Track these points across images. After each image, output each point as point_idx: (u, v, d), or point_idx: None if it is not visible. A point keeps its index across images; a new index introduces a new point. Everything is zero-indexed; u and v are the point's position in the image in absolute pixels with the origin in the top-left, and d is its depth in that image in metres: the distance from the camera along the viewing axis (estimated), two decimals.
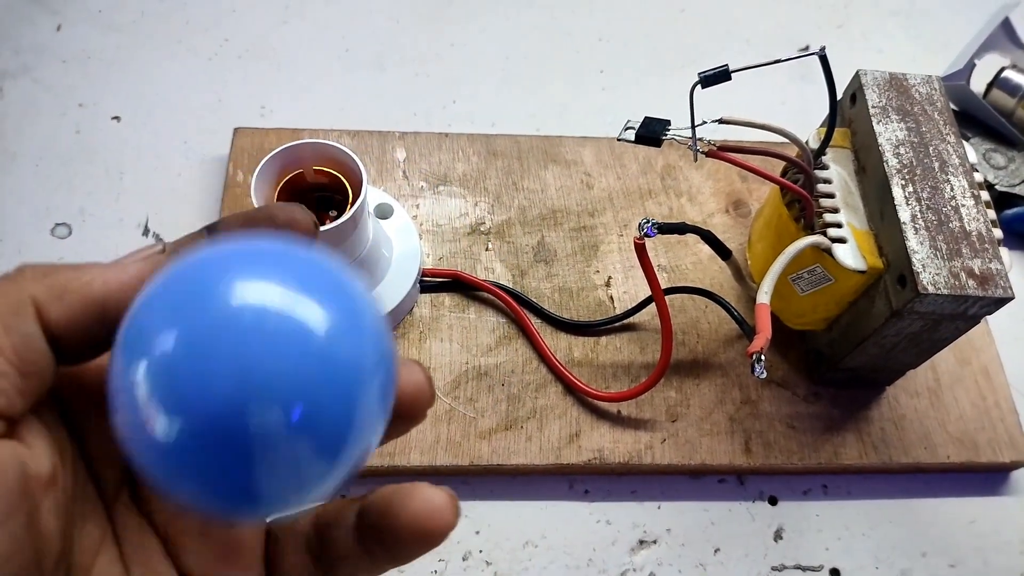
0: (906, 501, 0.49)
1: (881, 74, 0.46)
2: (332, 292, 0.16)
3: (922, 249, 0.40)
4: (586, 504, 0.47)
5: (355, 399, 0.16)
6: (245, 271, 0.15)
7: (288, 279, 0.15)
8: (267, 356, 0.15)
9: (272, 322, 0.15)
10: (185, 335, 0.15)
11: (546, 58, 0.65)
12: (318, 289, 0.16)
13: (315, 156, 0.43)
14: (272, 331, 0.15)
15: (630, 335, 0.50)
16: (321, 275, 0.16)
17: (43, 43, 0.61)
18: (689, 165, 0.57)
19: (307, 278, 0.16)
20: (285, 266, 0.16)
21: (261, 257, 0.16)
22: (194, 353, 0.15)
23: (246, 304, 0.15)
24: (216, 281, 0.15)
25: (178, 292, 0.16)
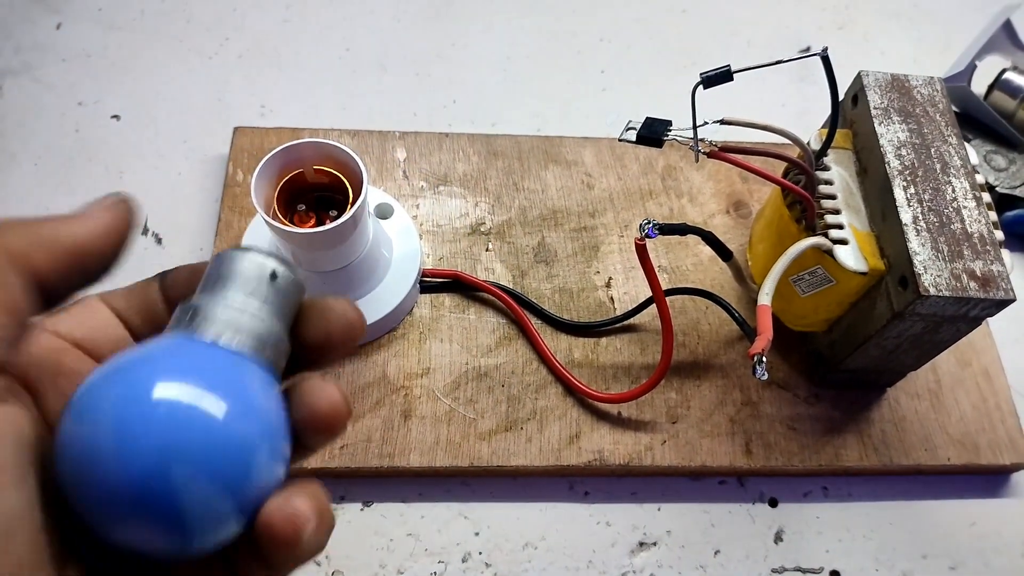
0: (907, 503, 0.49)
1: (883, 75, 0.46)
2: (229, 387, 0.21)
3: (924, 251, 0.40)
4: (586, 506, 0.47)
5: (247, 458, 0.20)
6: (168, 372, 0.20)
7: (197, 378, 0.20)
8: (179, 435, 0.19)
9: (183, 411, 0.20)
10: (120, 420, 0.19)
11: (547, 58, 0.65)
12: (217, 385, 0.20)
13: (315, 155, 0.43)
14: (183, 417, 0.20)
15: (630, 336, 0.50)
16: (221, 373, 0.21)
17: (43, 42, 0.61)
18: (690, 166, 0.57)
19: (210, 376, 0.21)
20: (196, 369, 0.21)
21: (181, 361, 0.21)
22: (125, 434, 0.19)
23: (164, 398, 0.20)
24: (146, 378, 0.20)
25: (119, 384, 0.20)
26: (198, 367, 0.21)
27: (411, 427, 0.46)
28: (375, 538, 0.45)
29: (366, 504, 0.45)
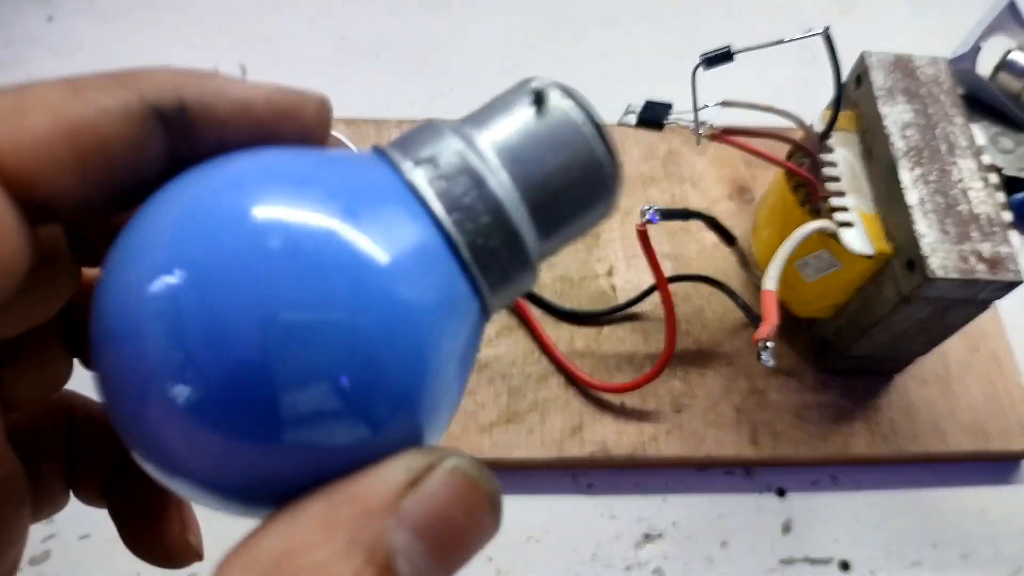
0: (916, 491, 0.48)
1: (887, 56, 0.45)
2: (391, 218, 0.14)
3: (930, 233, 0.39)
4: (589, 498, 0.46)
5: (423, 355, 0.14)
6: (283, 189, 0.14)
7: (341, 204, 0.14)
8: (305, 293, 0.13)
9: (314, 251, 0.13)
10: (206, 265, 0.13)
11: (545, 44, 0.64)
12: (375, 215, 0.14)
13: None
14: (315, 263, 0.13)
15: (633, 325, 0.49)
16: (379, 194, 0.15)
17: (35, 35, 0.60)
18: (692, 151, 0.56)
19: (363, 199, 0.15)
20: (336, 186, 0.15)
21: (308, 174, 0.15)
22: (212, 288, 0.13)
23: (288, 226, 0.13)
24: (244, 198, 0.14)
25: (198, 211, 0.14)
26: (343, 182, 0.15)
27: None
28: None
29: None
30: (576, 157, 0.17)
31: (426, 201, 0.15)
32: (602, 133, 0.17)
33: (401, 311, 0.14)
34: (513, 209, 0.16)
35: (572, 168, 0.17)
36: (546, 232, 0.17)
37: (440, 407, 0.15)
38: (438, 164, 0.16)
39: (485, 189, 0.16)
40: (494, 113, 0.17)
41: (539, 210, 0.16)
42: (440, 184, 0.15)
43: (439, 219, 0.15)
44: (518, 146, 0.16)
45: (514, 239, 0.16)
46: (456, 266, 0.15)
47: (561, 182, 0.17)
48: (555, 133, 0.17)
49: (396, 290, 0.14)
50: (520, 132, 0.17)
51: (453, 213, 0.15)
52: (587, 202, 0.17)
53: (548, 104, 0.17)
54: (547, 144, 0.17)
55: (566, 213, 0.17)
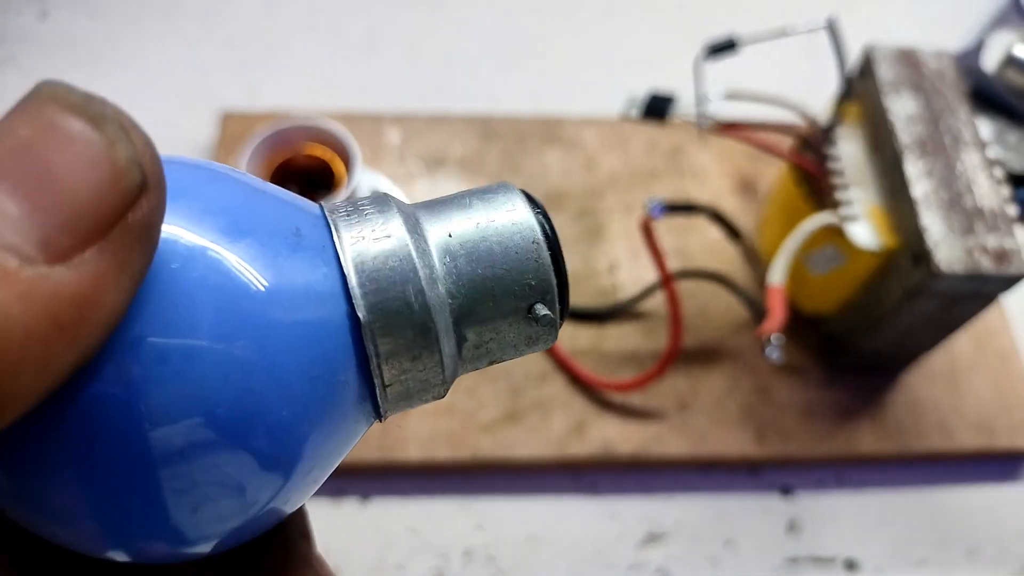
0: (922, 489, 0.47)
1: (892, 49, 0.44)
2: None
3: (936, 226, 0.38)
4: (592, 498, 0.45)
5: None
6: None
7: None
8: (167, 317, 0.12)
9: (181, 271, 0.12)
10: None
11: (546, 35, 0.63)
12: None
13: (306, 137, 0.41)
14: (181, 285, 0.12)
15: (636, 322, 0.48)
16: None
17: (28, 30, 0.59)
18: (696, 146, 0.55)
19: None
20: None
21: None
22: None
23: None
24: None
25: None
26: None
27: (410, 419, 0.44)
28: (374, 534, 0.43)
29: (364, 499, 0.44)
30: (526, 286, 0.15)
31: (340, 252, 0.13)
32: (558, 259, 0.15)
33: (274, 351, 0.12)
34: (438, 310, 0.14)
35: (513, 291, 0.15)
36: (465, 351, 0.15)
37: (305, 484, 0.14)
38: (366, 224, 0.14)
39: (412, 278, 0.14)
40: (450, 206, 0.15)
41: (465, 319, 0.14)
42: (362, 250, 0.14)
43: (346, 271, 0.13)
44: (463, 245, 0.15)
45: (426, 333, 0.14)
46: (349, 336, 0.13)
47: (496, 310, 0.15)
48: (509, 242, 0.15)
49: (272, 317, 0.12)
50: (471, 229, 0.15)
51: (368, 283, 0.13)
52: (519, 341, 0.15)
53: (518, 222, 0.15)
54: (498, 250, 0.15)
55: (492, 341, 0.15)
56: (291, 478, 0.13)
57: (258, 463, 0.12)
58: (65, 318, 0.09)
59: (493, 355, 0.15)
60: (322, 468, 0.14)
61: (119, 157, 0.10)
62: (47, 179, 0.10)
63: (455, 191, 0.16)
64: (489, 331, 0.15)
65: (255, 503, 0.13)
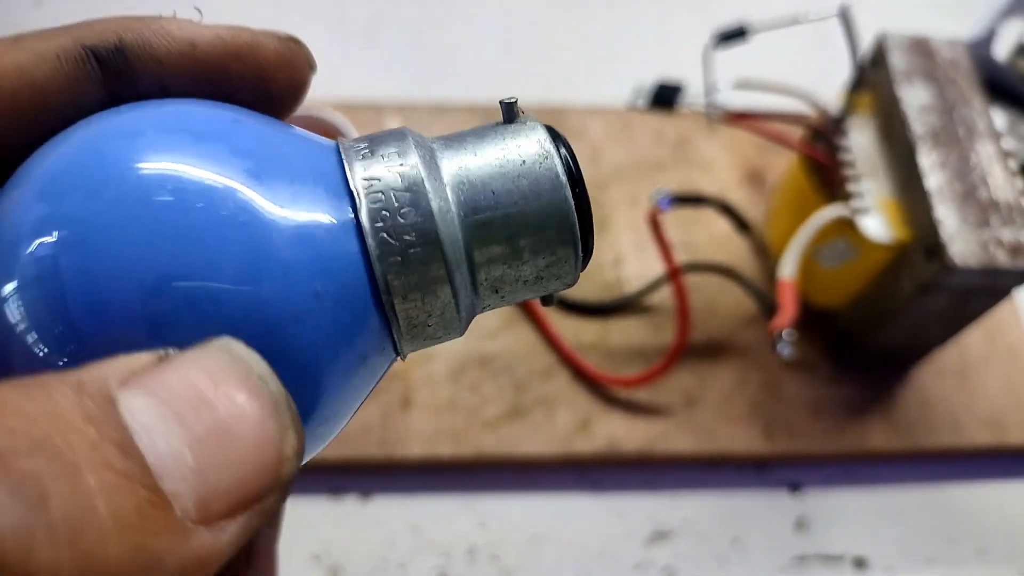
0: (932, 487, 0.46)
1: (904, 37, 0.43)
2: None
3: (950, 219, 0.37)
4: (597, 495, 0.44)
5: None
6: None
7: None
8: (193, 258, 0.12)
9: (206, 210, 0.12)
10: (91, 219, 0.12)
11: (550, 25, 0.62)
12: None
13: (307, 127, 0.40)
14: (205, 224, 0.12)
15: (642, 317, 0.48)
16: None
17: (23, 20, 0.58)
18: (703, 137, 0.54)
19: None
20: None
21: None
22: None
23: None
24: (137, 147, 0.13)
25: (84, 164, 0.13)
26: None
27: (412, 415, 0.43)
28: (376, 531, 0.42)
29: (365, 496, 0.43)
30: (546, 217, 0.14)
31: (355, 192, 0.14)
32: (581, 197, 0.15)
33: (297, 289, 0.13)
34: (450, 244, 0.14)
35: (530, 229, 0.14)
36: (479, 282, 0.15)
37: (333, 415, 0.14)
38: (380, 160, 0.14)
39: (424, 212, 0.14)
40: (470, 139, 0.15)
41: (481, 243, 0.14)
42: (375, 183, 0.14)
43: (359, 205, 0.14)
44: (479, 178, 0.14)
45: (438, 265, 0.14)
46: (364, 269, 0.14)
47: (517, 241, 0.14)
48: (529, 176, 0.14)
49: (291, 256, 0.13)
50: (489, 162, 0.14)
51: (378, 222, 0.14)
52: (536, 279, 0.15)
53: (526, 136, 0.14)
54: (516, 186, 0.14)
55: (511, 270, 0.15)
56: (316, 410, 0.13)
57: (296, 377, 0.13)
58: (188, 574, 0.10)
59: (509, 293, 0.15)
60: (345, 405, 0.14)
61: (286, 448, 0.11)
62: (222, 444, 0.10)
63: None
64: (505, 268, 0.14)
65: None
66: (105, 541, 0.09)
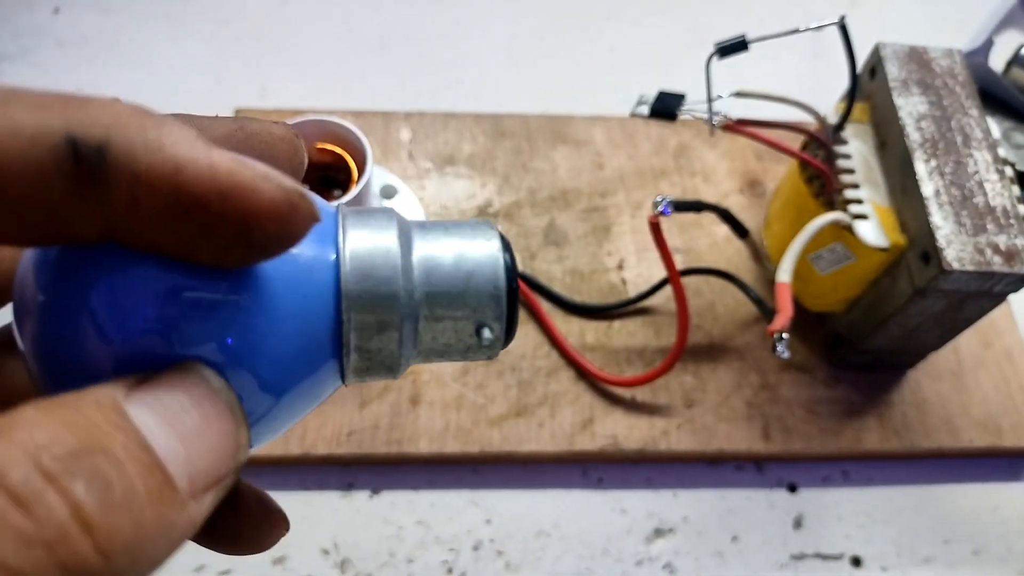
0: (928, 487, 0.47)
1: (901, 47, 0.44)
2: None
3: (946, 225, 0.38)
4: (600, 492, 0.45)
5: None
6: None
7: None
8: None
9: None
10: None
11: (554, 36, 0.63)
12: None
13: (319, 134, 0.42)
14: None
15: (644, 319, 0.49)
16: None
17: (41, 26, 0.60)
18: (703, 144, 0.55)
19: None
20: None
21: None
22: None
23: None
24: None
25: None
26: None
27: (419, 413, 0.44)
28: (384, 527, 0.43)
29: (374, 492, 0.44)
30: (484, 303, 0.18)
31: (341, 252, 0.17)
32: (513, 299, 0.18)
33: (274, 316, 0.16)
34: (405, 303, 0.17)
35: (469, 308, 0.18)
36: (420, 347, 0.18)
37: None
38: (367, 227, 0.17)
39: (392, 274, 0.17)
40: (441, 228, 0.18)
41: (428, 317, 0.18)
42: (360, 250, 0.17)
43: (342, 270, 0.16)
44: (441, 260, 0.17)
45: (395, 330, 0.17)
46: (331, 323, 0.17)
47: (452, 314, 0.18)
48: (478, 269, 0.18)
49: (274, 281, 0.16)
50: (451, 250, 0.18)
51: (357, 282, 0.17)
52: (466, 348, 0.18)
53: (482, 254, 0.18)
54: (467, 272, 0.18)
55: (444, 342, 0.18)
56: (279, 402, 0.16)
57: (257, 383, 0.16)
58: (179, 535, 0.13)
59: (440, 355, 0.18)
60: (300, 405, 0.17)
61: (241, 439, 0.15)
62: (200, 439, 0.14)
63: (463, 192, 0.19)
64: (441, 334, 0.18)
65: (251, 414, 0.16)
66: (144, 510, 0.12)
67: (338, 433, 0.43)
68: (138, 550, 0.12)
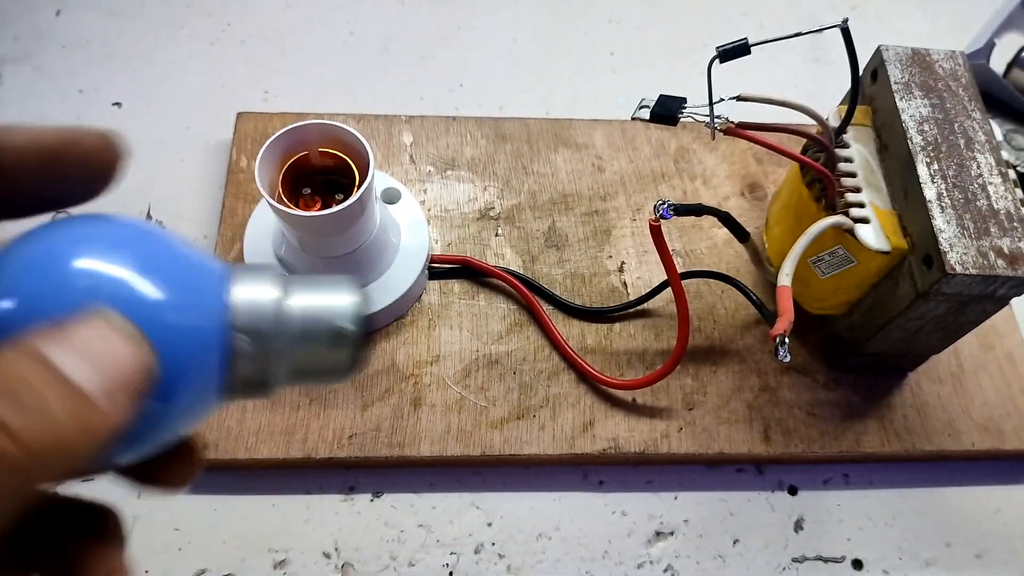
0: (930, 490, 0.47)
1: (903, 50, 0.44)
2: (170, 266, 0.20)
3: (949, 228, 0.38)
4: (601, 495, 0.45)
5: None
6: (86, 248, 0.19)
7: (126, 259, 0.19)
8: None
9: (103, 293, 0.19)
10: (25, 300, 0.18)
11: (555, 40, 0.63)
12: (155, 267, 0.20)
13: (321, 138, 0.42)
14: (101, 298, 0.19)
15: (644, 321, 0.49)
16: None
17: (43, 28, 0.60)
18: (703, 148, 0.55)
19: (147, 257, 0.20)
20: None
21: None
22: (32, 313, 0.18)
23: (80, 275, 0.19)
24: (60, 255, 0.19)
25: (29, 262, 0.19)
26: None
27: (421, 416, 0.44)
28: (385, 529, 0.43)
29: (376, 495, 0.44)
30: (334, 365, 0.22)
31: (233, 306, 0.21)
32: (356, 357, 0.22)
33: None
34: (275, 341, 0.21)
35: (326, 366, 0.22)
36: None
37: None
38: (254, 282, 0.21)
39: (268, 320, 0.21)
40: (309, 284, 0.22)
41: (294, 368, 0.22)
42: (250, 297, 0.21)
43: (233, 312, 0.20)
44: (300, 314, 0.21)
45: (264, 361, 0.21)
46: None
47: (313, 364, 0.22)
48: (329, 350, 0.22)
49: (171, 319, 0.19)
50: (313, 305, 0.22)
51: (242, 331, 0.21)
52: (323, 381, 0.23)
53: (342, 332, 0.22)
54: (327, 329, 0.22)
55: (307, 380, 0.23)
56: (175, 407, 0.20)
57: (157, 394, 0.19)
58: (100, 431, 0.17)
59: (300, 384, 0.24)
60: (191, 414, 0.20)
61: (146, 357, 0.18)
62: (110, 363, 0.17)
63: (465, 193, 0.22)
64: (299, 369, 0.22)
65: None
66: (66, 423, 0.16)
67: (339, 436, 0.43)
68: (57, 445, 0.16)
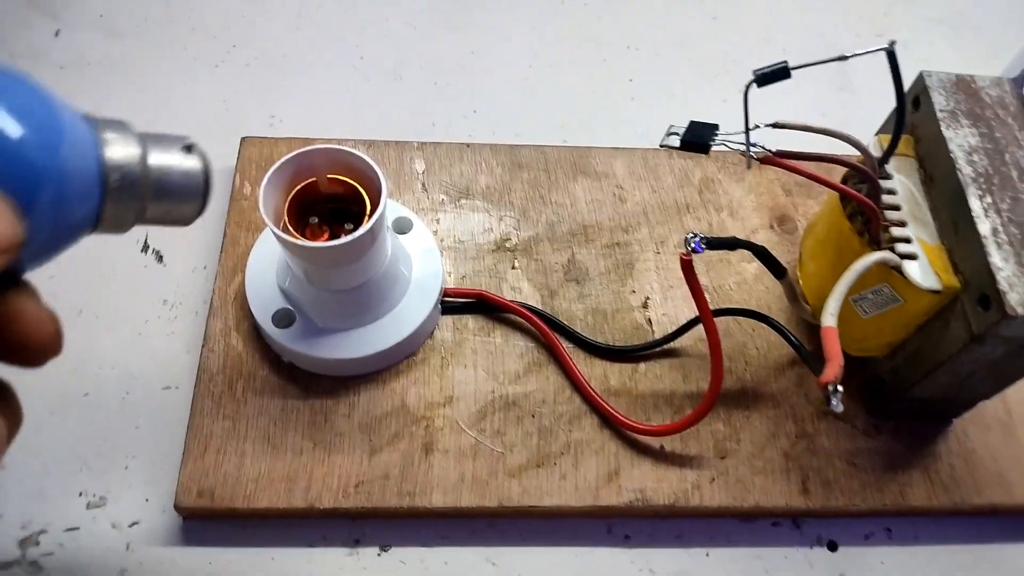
0: (980, 547, 0.44)
1: (947, 76, 0.42)
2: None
3: (1007, 266, 0.35)
4: (627, 550, 0.42)
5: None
6: None
7: None
8: None
9: None
10: None
11: (572, 67, 0.61)
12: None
13: (330, 163, 0.39)
14: None
15: (671, 361, 0.46)
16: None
17: (40, 48, 0.57)
18: (729, 178, 0.53)
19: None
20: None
21: None
22: None
23: None
24: None
25: None
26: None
27: (433, 462, 0.41)
28: None
29: (383, 548, 0.41)
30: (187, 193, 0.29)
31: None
32: (207, 187, 0.29)
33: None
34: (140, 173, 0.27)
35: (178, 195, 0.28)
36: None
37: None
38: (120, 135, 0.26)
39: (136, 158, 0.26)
40: (163, 141, 0.28)
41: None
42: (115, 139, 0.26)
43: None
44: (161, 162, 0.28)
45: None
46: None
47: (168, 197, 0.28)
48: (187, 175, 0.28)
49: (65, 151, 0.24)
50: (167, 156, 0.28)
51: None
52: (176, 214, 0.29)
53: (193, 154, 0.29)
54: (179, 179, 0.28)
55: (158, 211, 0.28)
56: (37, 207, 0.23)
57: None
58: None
59: (154, 218, 0.28)
60: (56, 220, 0.24)
61: (13, 223, 0.21)
62: None
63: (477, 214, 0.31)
64: (158, 205, 0.28)
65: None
66: None
67: (345, 484, 0.40)
68: None
